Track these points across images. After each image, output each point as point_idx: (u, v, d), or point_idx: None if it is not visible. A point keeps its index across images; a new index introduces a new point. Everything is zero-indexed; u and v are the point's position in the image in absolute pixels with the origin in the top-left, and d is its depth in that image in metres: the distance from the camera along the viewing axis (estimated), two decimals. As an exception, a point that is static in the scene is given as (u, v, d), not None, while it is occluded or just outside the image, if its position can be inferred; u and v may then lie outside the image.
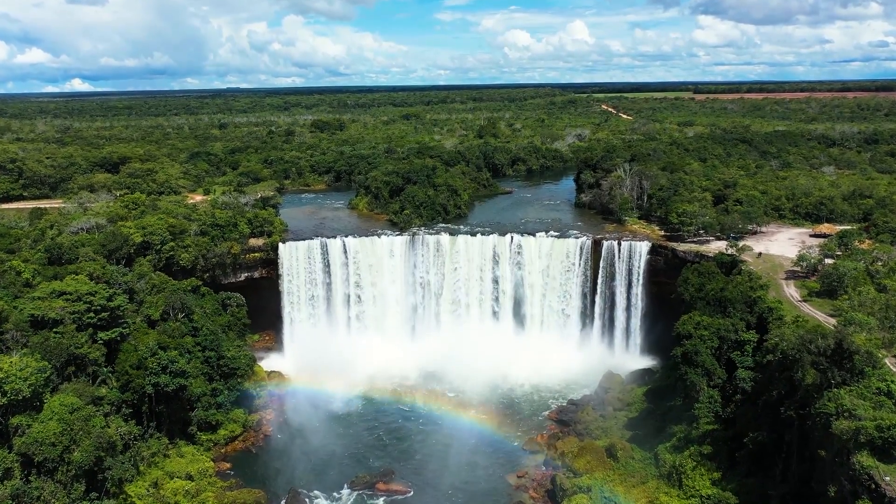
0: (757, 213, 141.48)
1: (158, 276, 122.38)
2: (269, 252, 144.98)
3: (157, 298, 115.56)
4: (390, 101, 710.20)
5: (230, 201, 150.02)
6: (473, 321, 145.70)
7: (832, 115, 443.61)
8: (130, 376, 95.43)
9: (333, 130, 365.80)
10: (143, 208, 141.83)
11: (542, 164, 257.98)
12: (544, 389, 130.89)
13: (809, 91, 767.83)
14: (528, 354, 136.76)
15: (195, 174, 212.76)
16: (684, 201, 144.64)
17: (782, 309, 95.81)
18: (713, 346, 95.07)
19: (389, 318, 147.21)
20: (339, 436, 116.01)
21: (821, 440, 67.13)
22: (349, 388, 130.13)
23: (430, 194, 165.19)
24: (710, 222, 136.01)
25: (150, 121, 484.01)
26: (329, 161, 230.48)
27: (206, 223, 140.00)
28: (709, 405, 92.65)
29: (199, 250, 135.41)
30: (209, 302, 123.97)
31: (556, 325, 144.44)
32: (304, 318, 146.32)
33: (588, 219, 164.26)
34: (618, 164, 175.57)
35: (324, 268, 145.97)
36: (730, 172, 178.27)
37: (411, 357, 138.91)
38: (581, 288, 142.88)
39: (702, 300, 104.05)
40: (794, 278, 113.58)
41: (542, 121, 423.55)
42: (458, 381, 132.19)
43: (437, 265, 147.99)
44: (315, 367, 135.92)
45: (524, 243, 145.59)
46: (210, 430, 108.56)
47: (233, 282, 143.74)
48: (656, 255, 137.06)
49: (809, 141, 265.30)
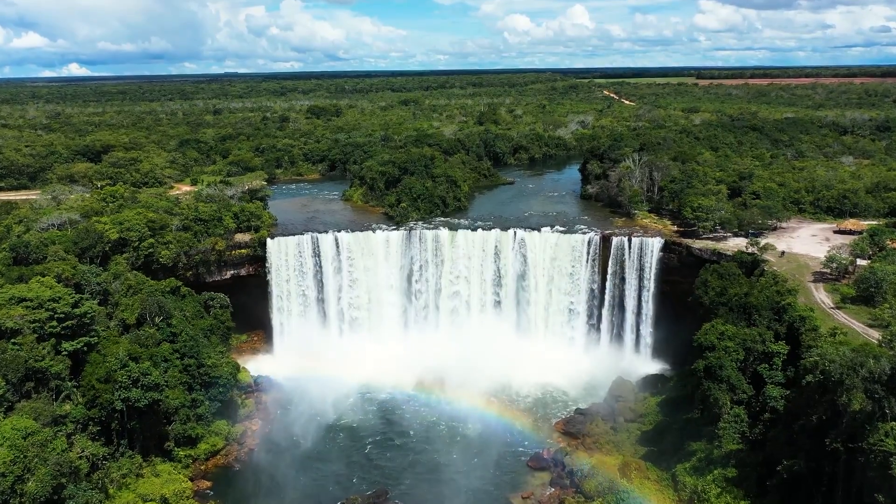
0: (777, 207, 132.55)
1: (135, 275, 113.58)
2: (256, 248, 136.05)
3: (133, 301, 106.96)
4: (389, 87, 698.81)
5: (215, 194, 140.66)
6: (474, 322, 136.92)
7: (839, 101, 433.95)
8: (97, 391, 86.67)
9: (330, 116, 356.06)
10: (121, 202, 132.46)
11: (544, 152, 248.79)
12: (549, 397, 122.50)
13: (815, 77, 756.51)
14: (532, 358, 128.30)
15: (183, 163, 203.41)
16: (699, 194, 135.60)
17: (815, 318, 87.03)
18: (738, 359, 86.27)
19: (384, 319, 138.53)
20: (330, 449, 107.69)
21: (876, 481, 58.43)
22: (342, 396, 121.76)
23: (428, 186, 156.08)
24: (728, 218, 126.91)
25: (144, 106, 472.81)
26: (323, 149, 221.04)
27: (189, 217, 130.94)
28: (734, 424, 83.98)
29: (181, 247, 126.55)
30: (190, 304, 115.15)
31: (561, 326, 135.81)
32: (294, 318, 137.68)
33: (595, 212, 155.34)
34: (626, 153, 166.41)
35: (315, 265, 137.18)
36: (744, 163, 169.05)
37: (407, 360, 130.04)
38: (588, 287, 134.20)
39: (724, 306, 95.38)
40: (824, 281, 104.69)
41: (544, 107, 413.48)
42: (458, 387, 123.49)
43: (436, 262, 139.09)
44: (306, 370, 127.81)
45: (528, 239, 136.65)
46: (189, 445, 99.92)
47: (218, 280, 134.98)
48: (669, 253, 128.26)
49: (821, 128, 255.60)
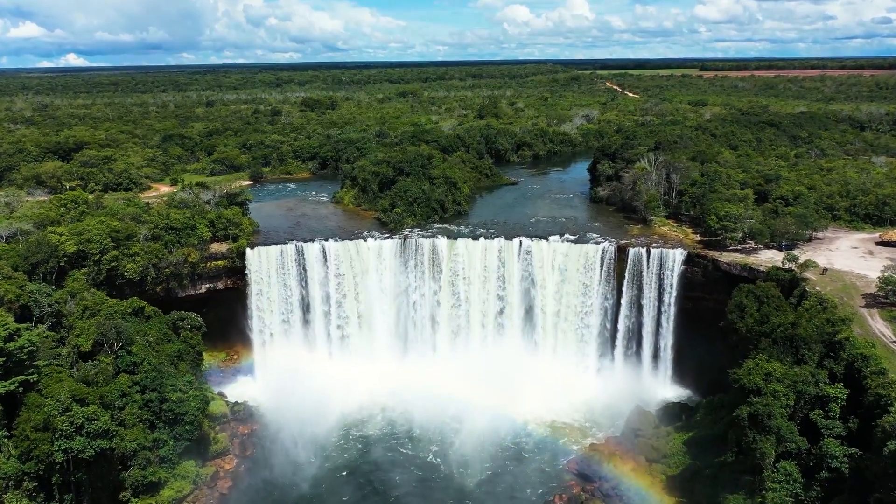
0: (812, 215, 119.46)
1: (94, 294, 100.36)
2: (234, 259, 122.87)
3: (90, 324, 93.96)
4: (387, 78, 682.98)
5: (189, 199, 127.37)
6: (475, 343, 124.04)
7: (849, 94, 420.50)
8: (33, 441, 73.80)
9: (324, 109, 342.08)
10: (83, 208, 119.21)
11: (549, 149, 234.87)
12: (560, 428, 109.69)
13: (821, 69, 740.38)
14: (540, 382, 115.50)
15: (163, 161, 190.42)
16: (723, 200, 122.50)
17: (878, 358, 74.09)
18: (788, 405, 73.34)
19: (376, 340, 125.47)
20: (314, 491, 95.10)
21: None
22: (327, 428, 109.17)
23: (426, 188, 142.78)
24: (760, 228, 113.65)
25: (136, 98, 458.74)
26: (314, 146, 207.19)
27: (159, 226, 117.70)
28: (786, 486, 71.15)
29: (150, 259, 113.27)
30: (155, 326, 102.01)
31: (572, 346, 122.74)
32: (277, 336, 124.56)
33: (607, 217, 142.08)
34: (641, 153, 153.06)
35: (300, 278, 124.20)
36: (768, 163, 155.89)
37: (402, 385, 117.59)
38: (602, 303, 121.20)
39: (765, 337, 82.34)
40: (878, 306, 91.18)
41: (546, 99, 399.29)
42: (458, 415, 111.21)
43: (433, 275, 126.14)
44: (289, 395, 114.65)
45: (535, 249, 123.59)
46: (150, 492, 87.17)
47: (192, 294, 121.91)
48: (693, 266, 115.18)
49: (839, 123, 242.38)
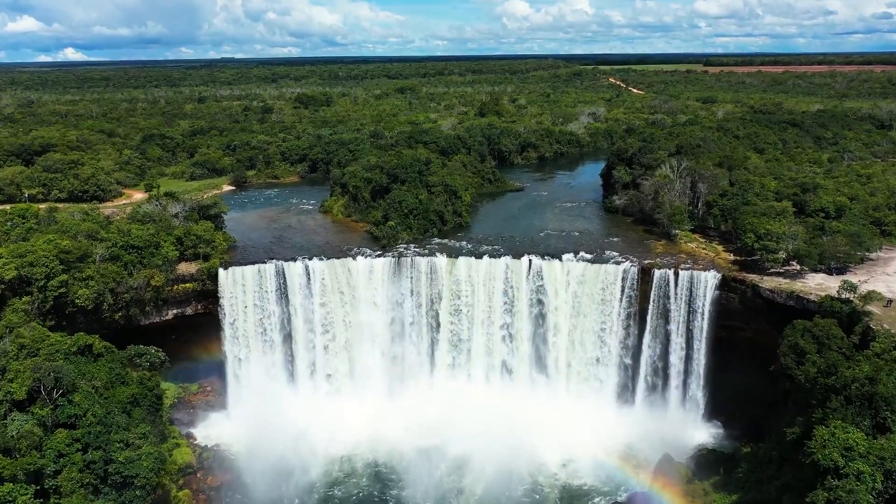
0: (865, 233, 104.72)
1: (32, 330, 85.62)
2: (205, 281, 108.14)
3: (26, 366, 79.39)
4: (385, 73, 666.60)
5: (155, 212, 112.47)
6: (478, 377, 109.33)
7: (861, 90, 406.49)
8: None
9: (318, 106, 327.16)
10: (31, 224, 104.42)
11: (556, 150, 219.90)
12: (575, 479, 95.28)
13: (828, 64, 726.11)
14: (552, 424, 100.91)
15: (139, 164, 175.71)
16: (759, 214, 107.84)
17: None
18: (875, 488, 58.73)
19: (367, 373, 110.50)
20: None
21: None
22: (310, 481, 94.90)
23: (423, 198, 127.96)
24: (807, 250, 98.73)
25: (126, 93, 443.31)
26: (304, 147, 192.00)
27: (118, 244, 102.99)
28: None
29: (106, 283, 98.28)
30: (105, 367, 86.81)
31: (589, 381, 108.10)
32: (254, 369, 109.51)
33: (625, 231, 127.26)
34: (661, 158, 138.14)
35: (280, 302, 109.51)
36: (801, 170, 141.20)
37: (396, 426, 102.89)
38: (623, 331, 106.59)
39: (835, 393, 67.68)
40: (963, 351, 76.85)
41: (548, 95, 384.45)
42: (457, 463, 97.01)
43: (431, 298, 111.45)
44: (267, 438, 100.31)
45: (546, 269, 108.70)
46: (91, 573, 72.93)
47: (157, 322, 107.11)
48: (729, 292, 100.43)
49: (861, 122, 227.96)
